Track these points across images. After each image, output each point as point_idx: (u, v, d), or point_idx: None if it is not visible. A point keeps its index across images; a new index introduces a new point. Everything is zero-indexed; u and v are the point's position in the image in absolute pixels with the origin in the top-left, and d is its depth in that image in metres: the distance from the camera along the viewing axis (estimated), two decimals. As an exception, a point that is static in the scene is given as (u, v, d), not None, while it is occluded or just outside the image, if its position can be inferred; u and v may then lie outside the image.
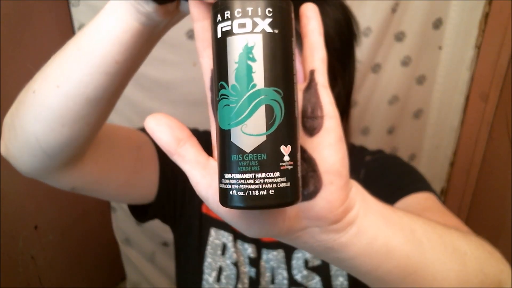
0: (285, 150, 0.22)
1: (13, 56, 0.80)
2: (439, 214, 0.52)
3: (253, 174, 0.21)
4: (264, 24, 0.21)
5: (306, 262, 0.56)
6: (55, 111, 0.37)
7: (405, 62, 0.93)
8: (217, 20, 0.22)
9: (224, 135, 0.22)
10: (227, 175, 0.22)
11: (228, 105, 0.22)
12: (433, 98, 1.00)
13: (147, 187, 0.53)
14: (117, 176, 0.48)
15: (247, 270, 0.56)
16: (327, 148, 0.25)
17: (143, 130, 0.54)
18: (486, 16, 0.89)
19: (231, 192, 0.22)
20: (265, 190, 0.21)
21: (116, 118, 0.96)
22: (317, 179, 0.25)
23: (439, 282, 0.30)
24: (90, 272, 1.13)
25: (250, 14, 0.21)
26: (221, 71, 0.22)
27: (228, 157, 0.22)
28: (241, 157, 0.21)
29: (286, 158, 0.22)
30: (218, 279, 0.55)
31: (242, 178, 0.21)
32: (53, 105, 0.37)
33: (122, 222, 1.11)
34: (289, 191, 0.22)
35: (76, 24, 0.86)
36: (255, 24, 0.21)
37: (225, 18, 0.22)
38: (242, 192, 0.21)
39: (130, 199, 0.55)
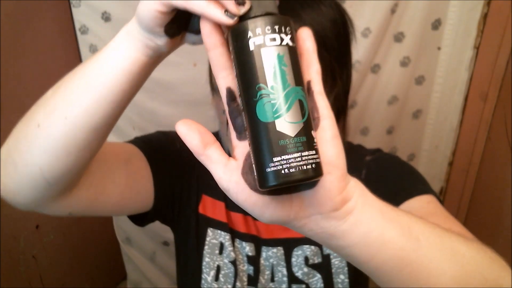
0: (314, 133, 0.28)
1: (14, 56, 0.80)
2: (444, 219, 0.52)
3: (300, 153, 0.27)
4: (287, 39, 0.28)
5: (306, 259, 0.57)
6: (62, 141, 0.38)
7: (404, 63, 0.94)
8: (248, 36, 0.28)
9: (268, 126, 0.27)
10: (276, 159, 0.27)
11: (270, 101, 0.27)
12: (432, 98, 1.00)
13: (143, 198, 0.55)
14: (111, 193, 0.49)
15: (246, 268, 0.57)
16: (324, 143, 0.29)
17: (129, 141, 0.56)
18: (484, 17, 0.90)
19: (283, 171, 0.26)
20: (310, 165, 0.27)
21: (117, 118, 0.96)
22: None
23: (435, 278, 0.32)
24: (91, 272, 1.13)
25: (277, 31, 0.28)
26: (257, 76, 0.28)
27: (275, 143, 0.27)
28: (287, 141, 0.27)
29: (315, 140, 0.28)
30: (216, 278, 0.56)
31: (292, 158, 0.26)
32: (60, 136, 0.38)
33: (123, 221, 1.12)
34: (320, 165, 0.28)
35: (77, 25, 0.86)
36: (282, 39, 0.28)
37: (257, 34, 0.28)
38: (293, 169, 0.26)
39: (129, 212, 0.56)
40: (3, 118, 0.78)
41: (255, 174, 0.28)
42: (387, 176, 0.58)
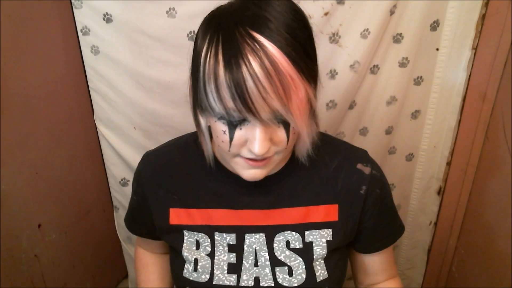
0: None
1: (15, 57, 0.80)
2: (390, 266, 0.71)
3: None
4: None
5: (288, 243, 0.62)
6: None
7: (403, 63, 0.94)
8: None
9: None
10: None
11: None
12: (430, 98, 1.01)
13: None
14: None
15: (226, 258, 0.62)
16: None
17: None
18: (482, 18, 0.90)
19: None
20: None
21: (117, 118, 0.97)
22: None
23: None
24: (92, 270, 1.14)
25: None
26: None
27: None
28: None
29: None
30: (195, 269, 0.62)
31: None
32: None
33: (124, 221, 1.12)
34: None
35: (78, 26, 0.87)
36: None
37: None
38: None
39: None
40: (3, 118, 0.79)
41: None
42: (384, 215, 0.66)
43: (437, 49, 0.95)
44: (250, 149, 0.49)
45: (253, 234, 0.62)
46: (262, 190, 0.63)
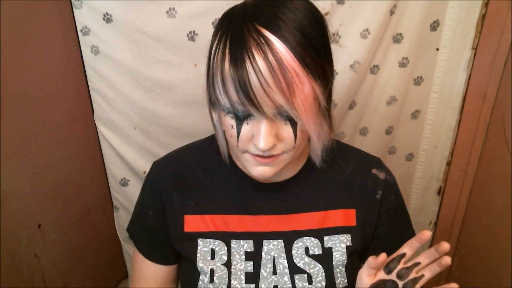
0: None
1: (15, 57, 0.80)
2: None
3: None
4: None
5: (307, 250, 0.60)
6: None
7: (403, 63, 0.94)
8: None
9: None
10: None
11: None
12: (430, 98, 1.01)
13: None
14: None
15: (243, 267, 0.60)
16: None
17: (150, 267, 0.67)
18: (482, 18, 0.90)
19: None
20: None
21: (117, 118, 0.97)
22: None
23: None
24: (92, 270, 1.14)
25: None
26: None
27: None
28: None
29: None
30: (211, 280, 0.59)
31: None
32: None
33: (124, 220, 1.12)
34: None
35: (78, 26, 0.87)
36: None
37: None
38: None
39: None
40: (3, 118, 0.78)
41: None
42: (399, 221, 0.66)
43: (437, 49, 0.95)
44: (255, 144, 0.49)
45: (271, 240, 0.61)
46: (279, 195, 0.61)
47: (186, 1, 0.83)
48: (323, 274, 0.59)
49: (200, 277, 0.60)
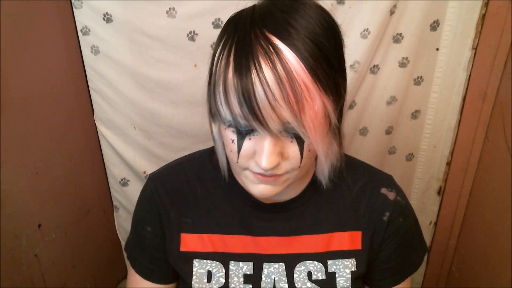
0: None
1: (15, 57, 0.80)
2: None
3: None
4: None
5: (309, 274, 0.57)
6: None
7: (403, 63, 0.94)
8: None
9: None
10: None
11: None
12: (430, 98, 1.01)
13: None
14: None
15: None
16: None
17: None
18: (482, 18, 0.90)
19: None
20: None
21: (117, 118, 0.97)
22: None
23: None
24: (92, 270, 1.14)
25: None
26: None
27: None
28: None
29: None
30: None
31: None
32: None
33: (124, 221, 1.13)
34: None
35: (78, 26, 0.87)
36: None
37: None
38: None
39: None
40: (3, 118, 0.79)
41: None
42: (407, 245, 0.61)
43: (437, 49, 0.95)
44: (257, 162, 0.45)
45: (272, 263, 0.57)
46: (282, 215, 0.58)
47: (186, 1, 0.83)
48: None
49: None
